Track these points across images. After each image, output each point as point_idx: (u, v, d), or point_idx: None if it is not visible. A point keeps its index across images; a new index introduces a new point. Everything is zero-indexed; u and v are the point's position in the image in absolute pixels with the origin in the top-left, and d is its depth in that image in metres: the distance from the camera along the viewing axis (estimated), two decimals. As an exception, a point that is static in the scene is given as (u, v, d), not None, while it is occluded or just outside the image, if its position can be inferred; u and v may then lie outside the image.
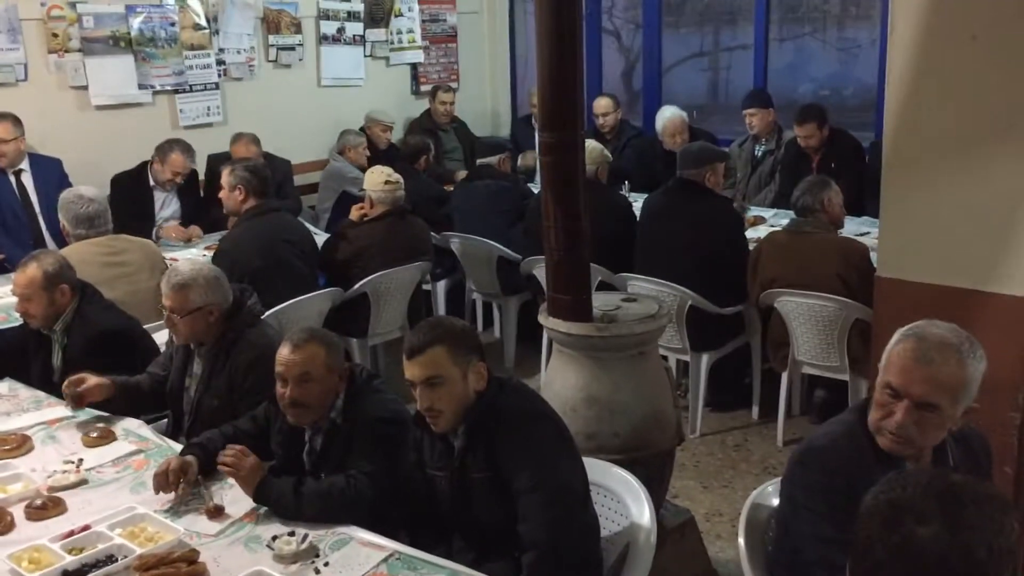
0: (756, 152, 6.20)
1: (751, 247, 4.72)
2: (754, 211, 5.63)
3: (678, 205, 4.79)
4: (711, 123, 6.66)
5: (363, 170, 6.47)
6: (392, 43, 7.50)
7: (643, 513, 2.55)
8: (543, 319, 3.37)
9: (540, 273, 4.94)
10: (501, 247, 5.44)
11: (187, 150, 5.64)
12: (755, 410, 4.89)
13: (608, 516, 2.64)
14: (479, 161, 6.00)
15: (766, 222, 5.40)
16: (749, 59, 7.16)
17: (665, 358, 4.39)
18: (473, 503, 2.48)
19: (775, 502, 2.43)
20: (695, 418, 4.71)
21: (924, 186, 3.35)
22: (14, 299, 4.37)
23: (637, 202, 5.55)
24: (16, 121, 5.21)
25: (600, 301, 3.39)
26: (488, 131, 8.33)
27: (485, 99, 8.38)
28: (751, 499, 2.51)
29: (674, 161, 5.06)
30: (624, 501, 2.61)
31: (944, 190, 3.30)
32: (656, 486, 3.14)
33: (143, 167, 5.68)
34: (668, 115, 6.40)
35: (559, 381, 3.34)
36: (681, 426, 3.51)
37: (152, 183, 5.67)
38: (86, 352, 3.40)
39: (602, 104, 6.90)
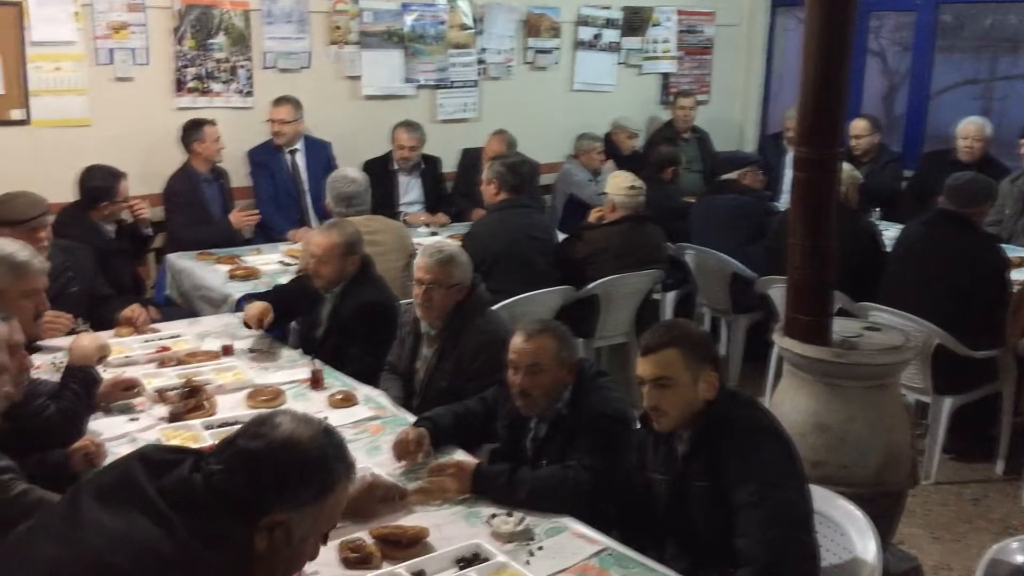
0: (1031, 189, 5.73)
1: (1015, 289, 4.37)
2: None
3: (939, 238, 4.50)
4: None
5: (596, 174, 6.58)
6: (646, 52, 7.53)
7: (868, 551, 2.43)
8: (777, 338, 3.29)
9: (775, 294, 4.81)
10: (737, 263, 5.34)
11: (409, 126, 5.98)
12: (999, 464, 4.52)
13: (829, 548, 2.53)
14: (722, 176, 5.91)
15: (1034, 265, 4.98)
16: (1030, 89, 6.63)
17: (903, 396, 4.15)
18: (691, 511, 2.46)
19: (1020, 560, 2.25)
20: (930, 464, 4.42)
21: None
22: (280, 266, 4.84)
23: (887, 231, 5.30)
24: (297, 105, 5.69)
25: (841, 326, 3.27)
26: (733, 146, 8.17)
27: (733, 114, 8.24)
28: (990, 554, 2.33)
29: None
30: (849, 535, 2.50)
31: None
32: (883, 527, 2.98)
33: (388, 154, 6.05)
34: (973, 119, 6.15)
35: (788, 404, 3.24)
36: (917, 469, 3.32)
37: (396, 167, 6.02)
38: (352, 317, 3.71)
39: (859, 126, 6.60)
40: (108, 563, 1.46)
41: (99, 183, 4.71)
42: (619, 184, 5.07)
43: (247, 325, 3.79)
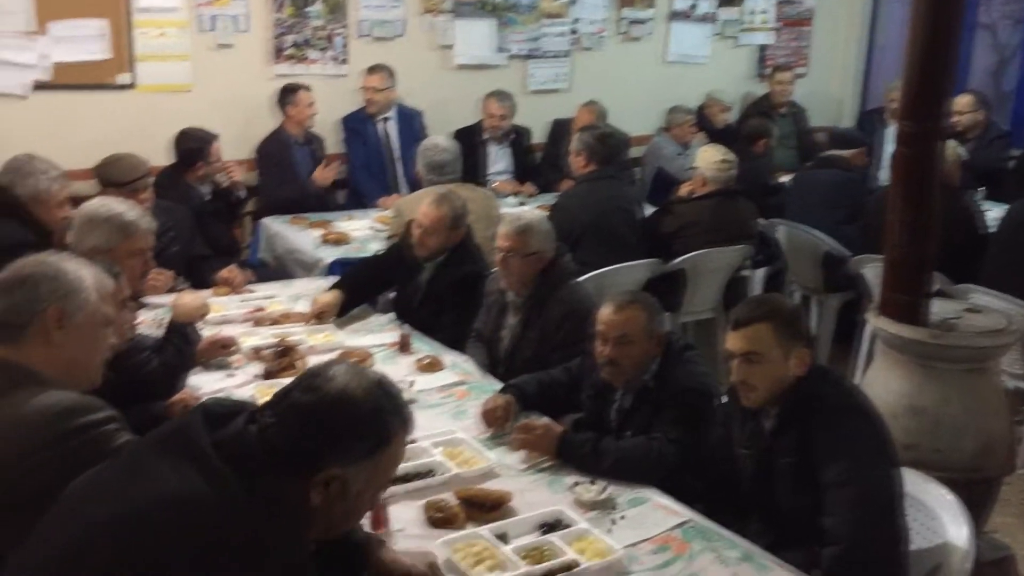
0: None
1: None
2: None
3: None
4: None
5: (685, 147, 6.48)
6: (743, 23, 7.38)
7: (960, 536, 2.37)
8: (872, 317, 3.22)
9: (870, 273, 4.69)
10: (830, 241, 5.21)
11: (500, 95, 5.98)
12: (1103, 457, 4.34)
13: (919, 531, 2.47)
14: (827, 153, 5.76)
15: None
16: None
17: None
18: (776, 487, 2.43)
19: (1123, 554, 2.17)
20: (1028, 452, 4.28)
21: None
22: (370, 232, 4.91)
23: (992, 211, 5.11)
24: (390, 73, 5.75)
25: (940, 307, 3.18)
26: (829, 121, 7.97)
27: (831, 88, 8.02)
28: (1089, 547, 2.26)
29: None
30: (940, 519, 2.44)
31: None
32: (975, 514, 2.89)
33: (479, 123, 6.07)
34: None
35: (880, 385, 3.17)
36: (1014, 456, 3.22)
37: (486, 137, 6.04)
38: (452, 286, 3.75)
39: (961, 101, 6.34)
40: (150, 519, 1.44)
41: (193, 145, 4.85)
42: (710, 158, 4.99)
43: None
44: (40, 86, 5.04)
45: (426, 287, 3.84)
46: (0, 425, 1.85)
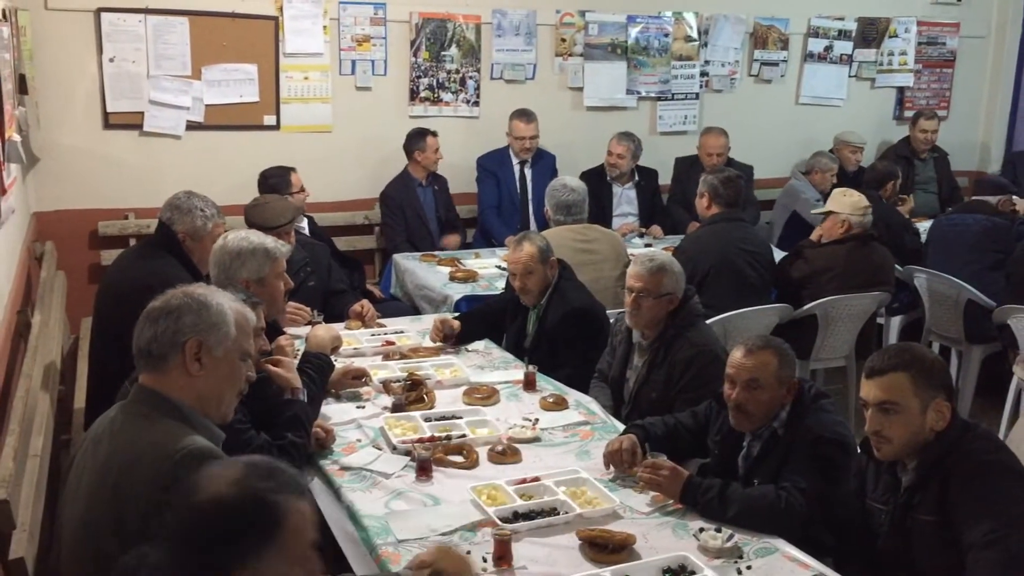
0: None
1: None
2: None
3: None
4: None
5: (824, 195, 6.31)
6: (881, 64, 7.20)
7: (1117, 608, 2.21)
8: (1019, 371, 3.06)
9: (1017, 323, 4.47)
10: (972, 289, 4.98)
11: (621, 135, 5.96)
12: None
13: (1071, 601, 2.33)
14: (974, 197, 5.53)
15: None
16: None
17: None
18: (913, 546, 2.33)
19: None
20: None
21: None
22: (497, 271, 4.98)
23: None
24: (537, 120, 5.84)
25: (1095, 362, 2.99)
26: (974, 165, 7.70)
27: (975, 131, 7.73)
28: None
29: None
30: (1095, 588, 2.29)
31: None
32: None
33: (602, 165, 6.09)
34: None
35: (1028, 442, 3.01)
36: None
37: (609, 179, 6.04)
38: (558, 324, 3.75)
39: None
40: None
41: (272, 181, 4.83)
42: (854, 203, 4.81)
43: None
44: (193, 126, 5.36)
45: (535, 328, 3.87)
46: (140, 448, 1.91)
